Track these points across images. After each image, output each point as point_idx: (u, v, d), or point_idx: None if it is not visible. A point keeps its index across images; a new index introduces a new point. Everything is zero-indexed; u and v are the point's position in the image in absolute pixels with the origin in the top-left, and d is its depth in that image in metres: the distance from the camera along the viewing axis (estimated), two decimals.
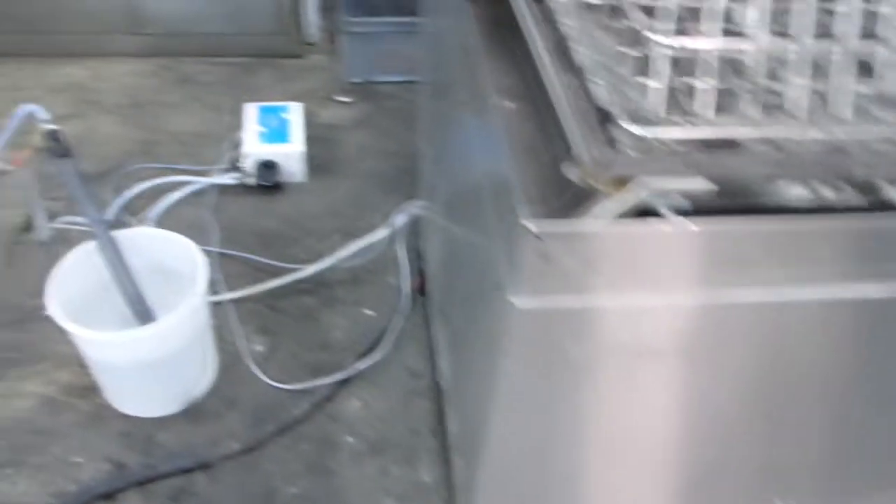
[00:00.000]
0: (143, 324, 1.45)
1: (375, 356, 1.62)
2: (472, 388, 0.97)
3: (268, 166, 1.99)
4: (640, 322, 0.76)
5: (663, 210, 0.69)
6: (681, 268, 0.71)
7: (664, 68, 0.69)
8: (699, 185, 0.69)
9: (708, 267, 0.71)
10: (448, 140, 1.34)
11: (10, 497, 1.35)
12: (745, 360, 0.81)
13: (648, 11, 0.73)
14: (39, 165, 1.74)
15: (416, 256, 1.81)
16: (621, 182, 0.67)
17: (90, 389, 1.51)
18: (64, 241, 1.81)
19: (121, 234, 1.46)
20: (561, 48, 0.84)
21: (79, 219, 1.55)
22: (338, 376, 1.57)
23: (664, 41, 0.67)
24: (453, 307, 1.23)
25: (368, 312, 1.74)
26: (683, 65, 0.73)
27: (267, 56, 2.56)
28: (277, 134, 2.04)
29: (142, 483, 1.39)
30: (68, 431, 1.45)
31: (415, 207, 1.73)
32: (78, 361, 1.49)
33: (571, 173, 0.68)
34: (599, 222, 0.64)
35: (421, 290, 1.77)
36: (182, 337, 1.40)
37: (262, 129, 2.05)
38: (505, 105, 0.87)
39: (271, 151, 2.00)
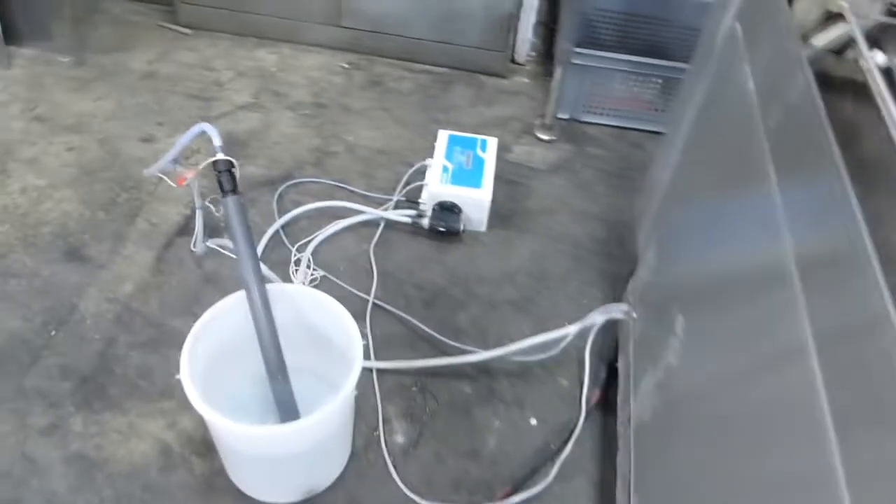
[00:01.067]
0: (277, 392, 1.23)
1: (533, 487, 1.32)
2: None
3: (447, 209, 1.73)
4: None
5: None
6: None
7: None
8: None
9: None
10: (709, 247, 1.01)
11: None
12: None
13: None
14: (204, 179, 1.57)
15: (604, 363, 1.49)
16: None
17: (209, 448, 1.32)
18: (217, 259, 1.66)
19: (273, 288, 1.24)
20: None
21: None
22: None
23: None
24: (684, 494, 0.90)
25: (533, 421, 1.44)
26: None
27: (468, 70, 2.30)
28: (466, 175, 1.77)
29: None
30: (178, 496, 1.27)
31: (618, 311, 1.40)
32: None
33: None
34: None
35: (602, 402, 1.46)
36: (319, 435, 1.16)
37: (450, 164, 1.79)
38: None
39: (455, 194, 1.73)
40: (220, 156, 1.16)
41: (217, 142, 1.17)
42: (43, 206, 1.76)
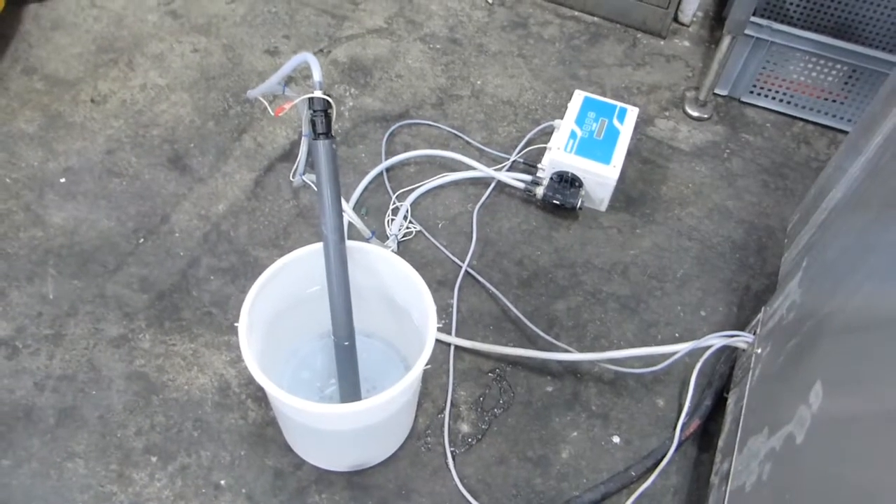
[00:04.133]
0: (341, 358, 1.14)
1: None
2: None
3: (567, 181, 1.55)
4: None
5: None
6: None
7: None
8: None
9: None
10: (885, 298, 0.79)
11: (141, 495, 1.16)
12: None
13: None
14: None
15: (711, 391, 1.30)
16: None
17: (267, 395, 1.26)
18: (313, 194, 1.57)
19: (353, 247, 1.13)
20: None
21: None
22: None
23: None
24: None
25: (615, 440, 1.28)
26: None
27: (622, 23, 2.05)
28: (596, 146, 1.56)
29: None
30: (226, 440, 1.22)
31: (741, 341, 1.20)
32: None
33: None
34: None
35: (699, 435, 1.27)
36: (377, 417, 1.06)
37: (580, 130, 1.59)
38: None
39: (579, 165, 1.54)
40: (318, 93, 1.03)
41: (317, 77, 1.04)
42: (158, 106, 1.72)
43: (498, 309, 1.43)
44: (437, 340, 1.34)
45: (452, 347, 1.35)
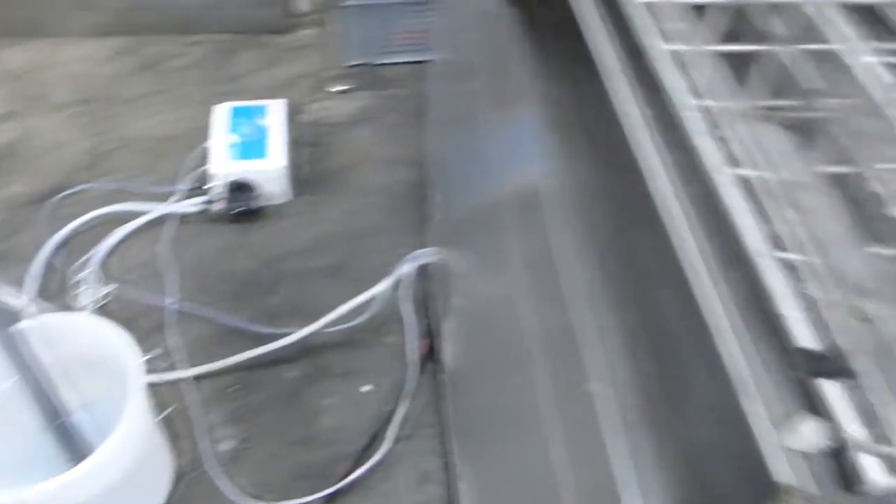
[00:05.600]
0: (62, 439, 1.10)
1: (375, 455, 1.27)
2: None
3: (240, 188, 1.60)
4: None
5: None
6: None
7: None
8: None
9: None
10: (462, 183, 0.95)
11: None
12: None
13: None
14: None
15: (426, 312, 1.44)
16: None
17: None
18: None
19: (28, 326, 1.09)
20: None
21: None
22: (326, 490, 1.22)
23: None
24: (490, 432, 0.86)
25: (365, 388, 1.37)
26: None
27: (248, 32, 2.13)
28: (252, 146, 1.64)
29: None
30: None
31: (425, 256, 1.34)
32: None
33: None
34: None
35: (430, 355, 1.41)
36: (116, 471, 1.04)
37: (235, 138, 1.65)
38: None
39: (244, 169, 1.60)
40: None
41: None
42: None
43: (220, 328, 1.45)
44: (168, 381, 1.33)
45: (182, 382, 1.35)
